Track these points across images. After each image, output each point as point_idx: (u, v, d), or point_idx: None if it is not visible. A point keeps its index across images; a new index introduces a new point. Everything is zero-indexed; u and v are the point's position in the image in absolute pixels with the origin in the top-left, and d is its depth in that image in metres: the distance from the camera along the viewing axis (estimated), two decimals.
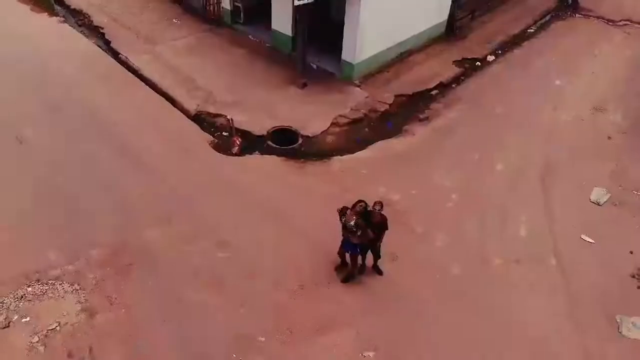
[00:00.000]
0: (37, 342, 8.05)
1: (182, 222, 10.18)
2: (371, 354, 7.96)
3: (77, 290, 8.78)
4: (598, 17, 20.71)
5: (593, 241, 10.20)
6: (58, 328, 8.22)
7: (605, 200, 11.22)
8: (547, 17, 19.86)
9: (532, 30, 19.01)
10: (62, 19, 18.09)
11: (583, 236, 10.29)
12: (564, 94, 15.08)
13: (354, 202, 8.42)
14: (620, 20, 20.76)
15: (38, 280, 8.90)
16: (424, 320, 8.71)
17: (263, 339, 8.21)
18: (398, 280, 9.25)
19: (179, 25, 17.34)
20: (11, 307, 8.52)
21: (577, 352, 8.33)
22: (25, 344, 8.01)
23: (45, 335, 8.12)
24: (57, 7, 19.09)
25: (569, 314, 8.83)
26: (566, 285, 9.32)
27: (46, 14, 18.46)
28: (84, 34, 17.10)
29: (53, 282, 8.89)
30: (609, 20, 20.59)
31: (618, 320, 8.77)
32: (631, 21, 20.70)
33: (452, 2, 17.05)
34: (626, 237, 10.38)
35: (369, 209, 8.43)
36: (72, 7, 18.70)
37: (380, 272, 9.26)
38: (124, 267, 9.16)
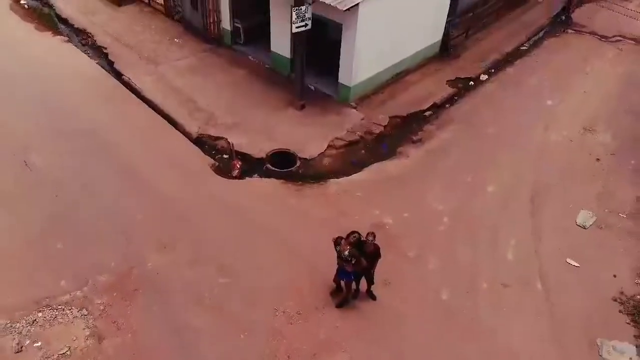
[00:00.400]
0: None
1: (185, 246, 10.64)
2: None
3: (86, 315, 9.24)
4: (591, 33, 21.14)
5: (578, 265, 10.66)
6: (68, 353, 8.69)
7: (591, 223, 11.67)
8: (541, 34, 20.32)
9: (525, 48, 19.44)
10: (66, 38, 18.53)
11: (568, 260, 10.74)
12: (555, 113, 15.52)
13: (348, 232, 8.88)
14: (613, 36, 21.17)
15: (48, 306, 9.37)
16: (414, 343, 9.17)
17: None
18: (391, 304, 9.71)
19: (181, 44, 17.79)
20: (23, 332, 8.98)
21: None
22: None
23: None
24: (61, 26, 19.58)
25: (553, 338, 9.29)
26: (551, 309, 9.78)
27: (50, 32, 18.91)
28: (87, 53, 17.56)
29: (62, 307, 9.35)
30: (601, 36, 21.00)
31: (599, 344, 9.22)
32: (624, 37, 21.11)
33: (447, 21, 17.50)
34: (610, 260, 10.84)
35: (362, 239, 8.89)
36: (76, 26, 19.15)
37: (373, 298, 9.72)
38: (129, 293, 9.63)
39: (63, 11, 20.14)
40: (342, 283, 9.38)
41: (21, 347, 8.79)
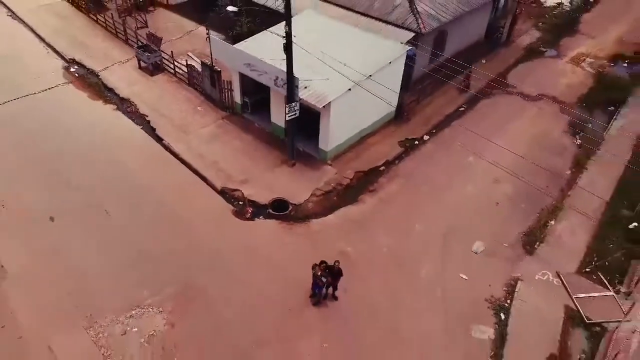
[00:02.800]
0: (144, 341, 14.55)
1: (219, 267, 16.70)
2: (326, 345, 14.54)
3: (162, 312, 15.29)
4: (519, 94, 27.33)
5: (467, 278, 16.81)
6: (154, 333, 14.73)
7: (481, 250, 17.85)
8: (476, 96, 26.38)
9: (462, 109, 25.63)
10: (115, 106, 24.57)
11: (461, 275, 16.89)
12: (473, 169, 21.60)
13: (320, 261, 14.98)
14: (537, 95, 27.34)
15: (138, 306, 15.41)
16: (359, 325, 15.26)
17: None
18: (346, 303, 15.82)
19: (202, 113, 23.90)
20: (125, 323, 15.01)
21: (449, 351, 14.91)
22: (137, 343, 14.52)
23: (148, 338, 14.63)
24: (108, 94, 25.54)
25: (445, 327, 15.39)
26: (445, 308, 15.90)
27: (101, 101, 24.97)
28: (133, 120, 23.60)
29: (147, 307, 15.40)
30: (527, 96, 27.15)
31: (472, 328, 15.35)
32: (546, 96, 27.30)
33: (400, 94, 23.65)
34: (489, 275, 16.99)
35: (329, 264, 14.99)
36: (121, 95, 25.22)
37: (336, 299, 15.82)
38: (188, 299, 15.67)
39: (109, 81, 26.18)
40: (317, 291, 15.49)
41: (125, 331, 14.81)
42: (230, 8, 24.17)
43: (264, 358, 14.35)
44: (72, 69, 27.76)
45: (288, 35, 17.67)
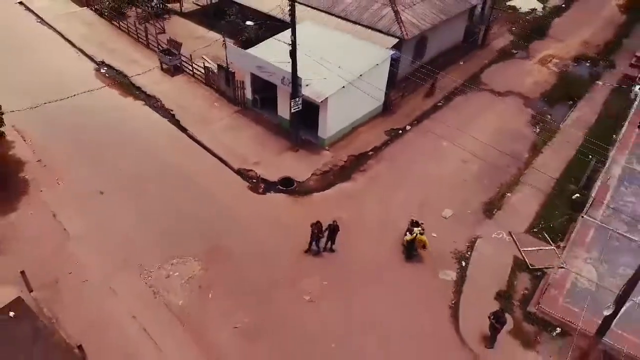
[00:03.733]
0: (184, 282, 18.82)
1: (238, 232, 20.95)
2: (326, 282, 18.86)
3: (197, 261, 19.56)
4: (490, 90, 31.71)
5: (437, 236, 21.10)
6: (193, 276, 19.00)
7: (449, 215, 22.17)
8: (453, 93, 30.70)
9: (440, 104, 29.97)
10: (143, 102, 28.80)
11: (433, 234, 21.18)
12: (446, 153, 25.91)
13: (316, 220, 19.27)
14: (505, 92, 31.73)
15: (177, 257, 19.68)
16: (351, 269, 19.53)
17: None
18: (341, 254, 20.10)
19: (219, 107, 28.16)
20: (168, 269, 19.26)
21: (422, 287, 19.19)
22: (179, 284, 18.78)
23: (187, 279, 18.90)
24: (136, 92, 29.74)
25: (419, 273, 19.70)
26: (419, 259, 20.20)
27: (131, 98, 29.18)
28: (160, 114, 27.82)
29: (185, 257, 19.66)
30: (497, 93, 31.54)
31: (440, 272, 19.66)
32: (512, 92, 31.69)
33: (386, 90, 27.92)
34: (455, 234, 21.26)
35: (326, 225, 19.28)
36: (148, 93, 29.42)
37: (333, 251, 20.11)
38: (217, 252, 19.94)
39: (137, 80, 30.34)
40: (314, 244, 19.77)
41: (168, 275, 19.05)
42: (249, 22, 28.55)
43: (276, 293, 18.62)
44: (102, 70, 31.93)
45: (293, 43, 21.92)
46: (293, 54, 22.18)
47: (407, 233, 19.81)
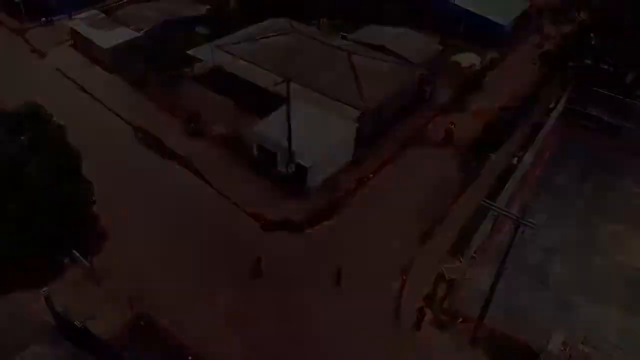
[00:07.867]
0: None
1: None
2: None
3: None
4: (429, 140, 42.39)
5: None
6: None
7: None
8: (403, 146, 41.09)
9: (395, 157, 40.51)
10: (175, 161, 38.68)
11: None
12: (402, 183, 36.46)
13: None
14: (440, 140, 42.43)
15: None
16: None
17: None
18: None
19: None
20: None
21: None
22: None
23: None
24: (169, 151, 39.55)
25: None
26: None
27: (165, 157, 39.07)
28: (188, 169, 37.84)
29: None
30: (434, 143, 42.23)
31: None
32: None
33: (355, 146, 38.31)
34: None
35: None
36: (178, 153, 39.29)
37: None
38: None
39: (167, 142, 40.09)
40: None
41: None
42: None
43: None
44: (138, 134, 41.58)
45: (289, 123, 32.36)
46: (289, 135, 32.62)
47: None
